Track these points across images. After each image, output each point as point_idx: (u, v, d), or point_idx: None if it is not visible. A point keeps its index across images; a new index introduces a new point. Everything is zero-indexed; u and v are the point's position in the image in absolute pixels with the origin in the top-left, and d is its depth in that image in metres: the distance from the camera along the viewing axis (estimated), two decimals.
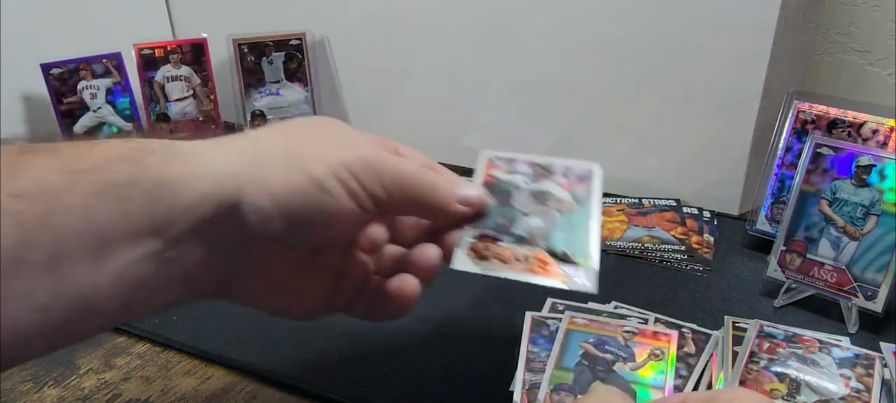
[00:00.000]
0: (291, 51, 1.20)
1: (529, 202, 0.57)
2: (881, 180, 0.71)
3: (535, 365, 0.63)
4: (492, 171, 0.60)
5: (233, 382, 0.66)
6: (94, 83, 1.12)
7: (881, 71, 0.90)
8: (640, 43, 0.93)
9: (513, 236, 0.54)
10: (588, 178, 0.60)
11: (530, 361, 0.64)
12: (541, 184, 0.59)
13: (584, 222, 0.56)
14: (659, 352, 0.65)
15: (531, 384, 0.61)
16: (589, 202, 0.57)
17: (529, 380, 0.62)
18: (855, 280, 0.71)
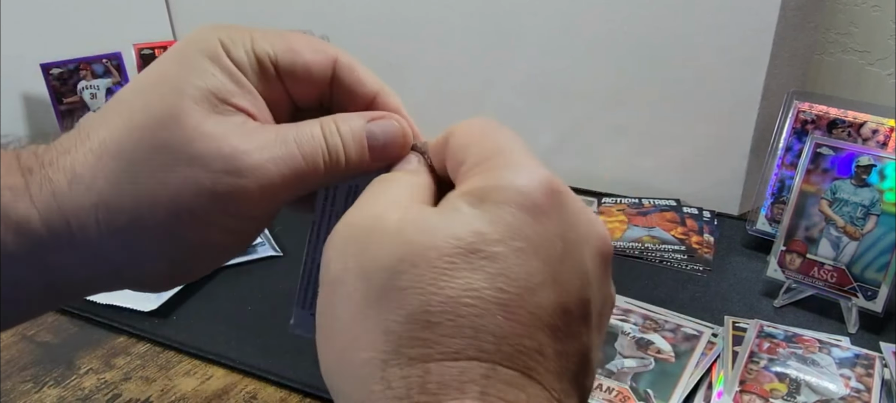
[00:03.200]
0: None
1: (630, 347, 0.66)
2: (881, 180, 0.71)
3: None
4: None
5: (233, 382, 0.66)
6: (94, 83, 1.12)
7: (881, 71, 0.90)
8: (641, 43, 0.93)
9: (604, 371, 0.62)
10: (697, 337, 0.67)
11: None
12: (647, 334, 0.68)
13: (677, 372, 0.63)
14: None
15: None
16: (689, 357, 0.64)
17: None
18: (855, 280, 0.71)
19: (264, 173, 0.29)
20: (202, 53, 0.30)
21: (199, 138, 0.29)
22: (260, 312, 0.75)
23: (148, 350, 0.71)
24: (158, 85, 0.30)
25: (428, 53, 1.10)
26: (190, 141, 0.29)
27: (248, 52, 0.31)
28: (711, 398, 0.62)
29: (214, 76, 0.30)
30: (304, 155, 0.30)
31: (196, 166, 0.29)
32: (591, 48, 0.97)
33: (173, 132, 0.28)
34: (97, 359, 0.70)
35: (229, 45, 0.31)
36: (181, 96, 0.29)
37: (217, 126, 0.29)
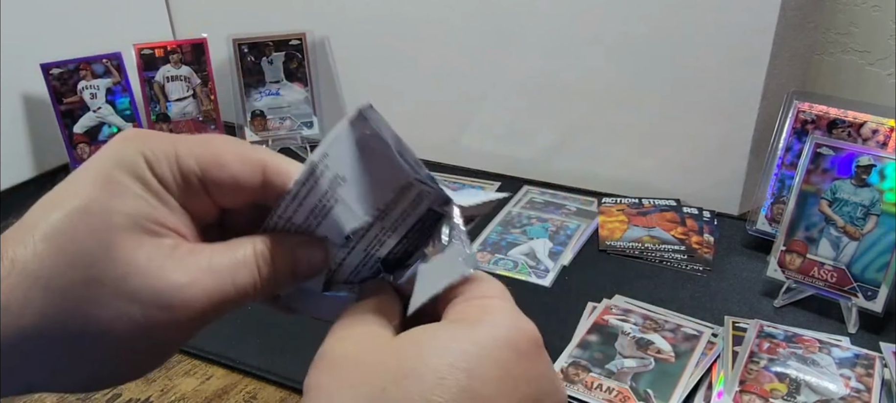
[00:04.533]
0: (291, 51, 1.19)
1: (630, 347, 0.67)
2: (881, 180, 0.71)
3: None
4: (605, 315, 0.71)
5: (233, 382, 0.66)
6: (94, 83, 1.12)
7: (881, 71, 0.90)
8: (640, 43, 0.93)
9: (604, 371, 0.63)
10: (696, 337, 0.68)
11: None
12: (647, 334, 0.68)
13: (677, 372, 0.63)
14: None
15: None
16: (689, 357, 0.65)
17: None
18: (855, 280, 0.71)
19: (195, 305, 0.29)
20: (127, 173, 0.29)
21: (131, 274, 0.28)
22: (260, 312, 0.75)
23: None
24: (86, 214, 0.28)
25: (428, 52, 1.10)
26: (123, 277, 0.28)
27: (172, 169, 0.30)
28: (711, 398, 0.62)
29: (142, 199, 0.29)
30: (236, 285, 0.31)
31: (128, 301, 0.28)
32: (591, 48, 0.97)
33: (105, 268, 0.28)
34: None
35: (153, 162, 0.30)
36: (111, 228, 0.28)
37: (149, 257, 0.29)
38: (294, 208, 0.32)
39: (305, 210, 0.32)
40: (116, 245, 0.28)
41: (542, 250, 0.86)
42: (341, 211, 0.32)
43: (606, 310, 0.72)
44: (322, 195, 0.31)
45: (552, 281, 0.81)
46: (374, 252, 0.34)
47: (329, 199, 0.31)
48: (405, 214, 0.33)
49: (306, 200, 0.31)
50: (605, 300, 0.75)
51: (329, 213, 0.32)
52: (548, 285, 0.80)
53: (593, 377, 0.63)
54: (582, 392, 0.61)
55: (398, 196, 0.32)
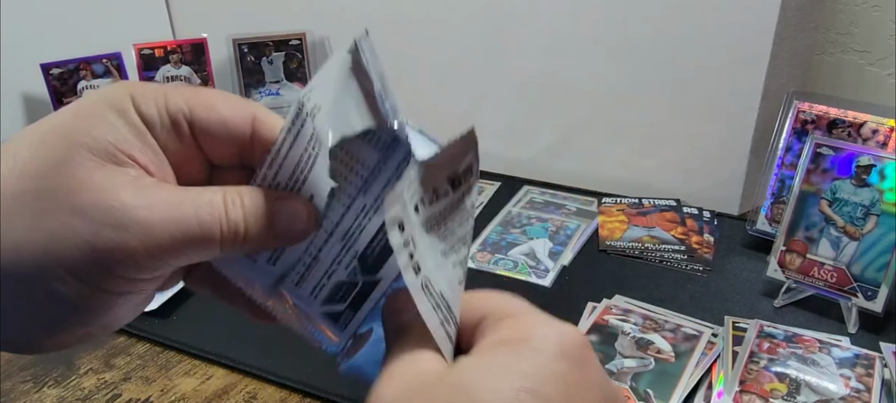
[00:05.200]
0: (291, 51, 1.20)
1: (630, 347, 0.66)
2: (881, 180, 0.71)
3: None
4: (605, 315, 0.71)
5: (233, 382, 0.66)
6: (94, 83, 1.12)
7: (881, 71, 0.90)
8: (641, 43, 0.93)
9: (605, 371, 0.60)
10: (696, 337, 0.68)
11: None
12: (647, 334, 0.68)
13: (677, 372, 0.63)
14: None
15: None
16: (689, 357, 0.65)
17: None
18: (855, 280, 0.71)
19: (151, 232, 0.27)
20: (108, 106, 0.28)
21: (85, 189, 0.26)
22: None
23: (148, 350, 0.71)
24: (52, 133, 0.27)
25: (428, 53, 1.10)
26: (75, 190, 0.26)
27: (159, 108, 0.29)
28: (711, 398, 0.62)
29: (115, 128, 0.28)
30: (199, 221, 0.28)
31: (77, 216, 0.26)
32: (591, 49, 0.97)
33: (58, 180, 0.26)
34: (97, 359, 0.70)
35: (139, 101, 0.29)
36: (74, 145, 0.27)
37: (108, 178, 0.27)
38: (280, 162, 0.29)
39: (291, 164, 0.29)
40: (74, 161, 0.26)
41: (542, 251, 0.86)
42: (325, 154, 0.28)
43: (606, 310, 0.72)
44: (308, 141, 0.28)
45: (552, 281, 0.81)
46: (352, 244, 0.30)
47: (316, 143, 0.28)
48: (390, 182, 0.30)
49: (292, 150, 0.29)
50: (605, 300, 0.75)
51: (314, 164, 0.29)
52: (548, 285, 0.80)
53: None
54: None
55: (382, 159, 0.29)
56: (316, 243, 0.30)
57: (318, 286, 0.31)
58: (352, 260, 0.30)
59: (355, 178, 0.29)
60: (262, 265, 0.31)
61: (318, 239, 0.30)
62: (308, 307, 0.31)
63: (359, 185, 0.29)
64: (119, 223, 0.26)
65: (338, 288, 0.31)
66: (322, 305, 0.31)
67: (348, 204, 0.29)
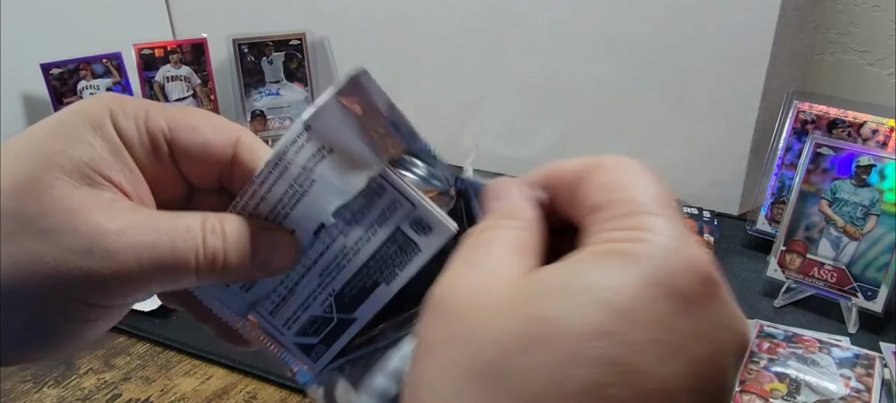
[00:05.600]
0: (291, 51, 1.20)
1: None
2: (881, 180, 0.71)
3: None
4: None
5: (233, 382, 0.66)
6: (94, 83, 1.12)
7: (881, 71, 0.90)
8: (640, 43, 0.93)
9: None
10: None
11: None
12: None
13: None
14: None
15: None
16: None
17: None
18: (855, 280, 0.71)
19: (120, 259, 0.25)
20: (85, 122, 0.27)
21: (54, 212, 0.25)
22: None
23: (148, 350, 0.71)
24: (26, 151, 0.26)
25: (429, 53, 1.10)
26: (44, 213, 0.25)
27: (139, 125, 0.28)
28: None
29: (91, 146, 0.26)
30: (173, 249, 0.26)
31: (43, 240, 0.25)
32: (591, 49, 0.97)
33: (28, 202, 0.25)
34: (97, 359, 0.70)
35: (119, 117, 0.27)
36: (48, 165, 0.26)
37: (80, 201, 0.26)
38: (263, 193, 0.28)
39: (274, 197, 0.28)
40: (45, 182, 0.25)
41: None
42: (320, 191, 0.27)
43: None
44: (296, 177, 0.27)
45: None
46: (329, 282, 0.29)
47: (304, 181, 0.27)
48: (372, 227, 0.28)
49: (277, 183, 0.28)
50: None
51: (302, 198, 0.28)
52: None
53: None
54: None
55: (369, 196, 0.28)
56: (292, 276, 0.30)
57: (292, 318, 0.30)
58: (328, 297, 0.29)
59: (338, 219, 0.28)
60: (235, 291, 0.30)
61: (296, 273, 0.29)
62: (281, 336, 0.31)
63: (341, 226, 0.28)
64: (86, 249, 0.25)
65: (312, 322, 0.30)
66: (295, 336, 0.30)
67: (329, 243, 0.29)
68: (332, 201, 0.28)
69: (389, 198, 0.28)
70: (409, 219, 0.28)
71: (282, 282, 0.30)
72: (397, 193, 0.28)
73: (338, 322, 0.30)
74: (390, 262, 0.28)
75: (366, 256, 0.28)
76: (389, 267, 0.28)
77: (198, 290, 0.30)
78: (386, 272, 0.28)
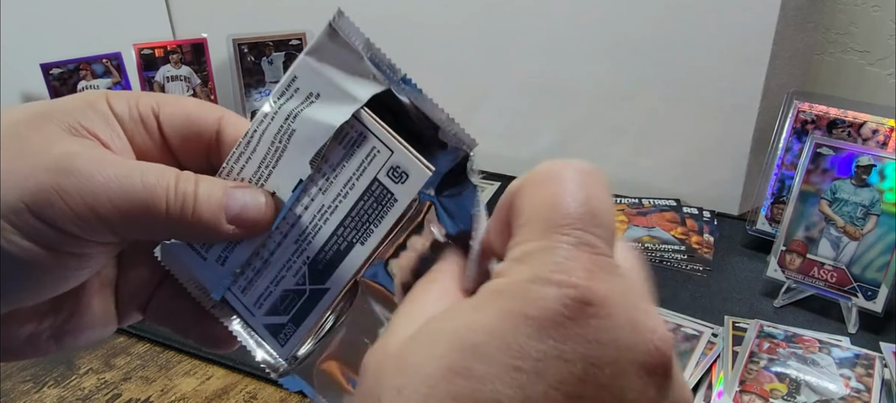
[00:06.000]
0: (291, 51, 1.19)
1: None
2: (881, 180, 0.71)
3: None
4: None
5: (233, 382, 0.66)
6: (94, 83, 1.12)
7: (881, 71, 0.90)
8: (640, 43, 0.93)
9: None
10: (696, 337, 0.67)
11: None
12: None
13: None
14: None
15: None
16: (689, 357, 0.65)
17: None
18: (855, 280, 0.71)
19: (90, 179, 0.25)
20: (82, 99, 0.29)
21: (34, 141, 0.26)
22: None
23: (148, 350, 0.71)
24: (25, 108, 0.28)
25: (429, 53, 1.10)
26: (24, 140, 0.26)
27: (130, 106, 0.29)
28: (711, 398, 0.62)
29: (84, 112, 0.28)
30: (144, 182, 0.26)
31: (18, 161, 0.26)
32: (591, 49, 0.97)
33: (10, 135, 0.26)
34: (97, 359, 0.70)
35: (112, 99, 0.29)
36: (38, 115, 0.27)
37: (62, 138, 0.27)
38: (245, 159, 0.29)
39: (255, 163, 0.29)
40: (32, 124, 0.27)
41: None
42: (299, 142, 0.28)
43: None
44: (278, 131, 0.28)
45: None
46: (305, 247, 0.29)
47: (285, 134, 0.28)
48: (350, 181, 0.28)
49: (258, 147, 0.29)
50: None
51: (282, 155, 0.28)
52: None
53: None
54: None
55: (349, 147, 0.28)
56: (269, 245, 0.29)
57: (264, 294, 0.30)
58: (302, 266, 0.29)
59: (319, 176, 0.28)
60: (211, 264, 0.30)
61: (272, 241, 0.29)
62: (251, 317, 0.31)
63: (320, 183, 0.29)
64: (58, 167, 0.26)
65: (283, 298, 0.30)
66: (265, 315, 0.30)
67: (307, 204, 0.29)
68: (309, 149, 0.28)
69: (368, 147, 0.28)
70: (386, 167, 0.28)
71: (257, 253, 0.30)
72: (376, 139, 0.28)
73: (309, 295, 0.30)
74: (366, 218, 0.28)
75: (343, 214, 0.28)
76: (365, 224, 0.28)
77: (174, 262, 0.30)
78: (361, 231, 0.28)
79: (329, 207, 0.28)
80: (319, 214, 0.29)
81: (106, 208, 0.26)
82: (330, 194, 0.28)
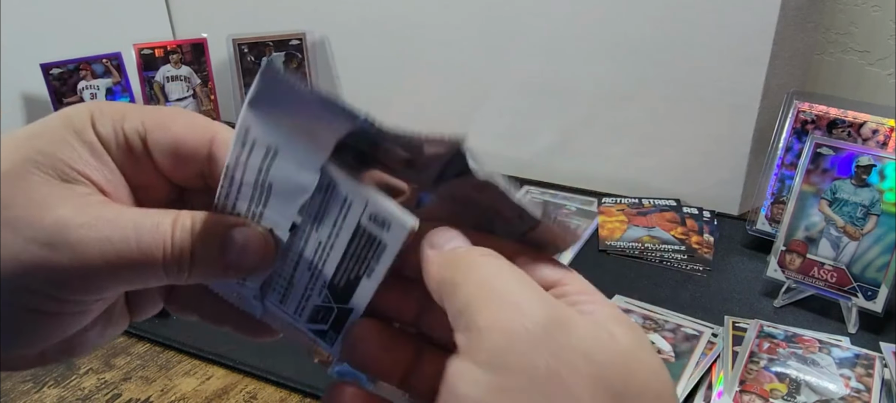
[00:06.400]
0: (291, 51, 1.20)
1: None
2: (881, 180, 0.71)
3: None
4: None
5: (233, 382, 0.66)
6: (94, 83, 1.12)
7: (881, 71, 0.90)
8: (641, 43, 0.93)
9: None
10: (696, 337, 0.68)
11: None
12: (647, 334, 0.67)
13: (677, 372, 0.63)
14: None
15: None
16: (689, 357, 0.65)
17: None
18: (855, 280, 0.71)
19: (83, 251, 0.25)
20: (66, 126, 0.27)
21: (21, 204, 0.25)
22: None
23: (148, 350, 0.71)
24: (7, 147, 0.26)
25: (428, 53, 1.10)
26: (11, 204, 0.25)
27: (116, 128, 0.28)
28: (711, 398, 0.62)
29: (71, 146, 0.27)
30: (139, 243, 0.26)
31: (8, 229, 0.25)
32: (591, 49, 0.97)
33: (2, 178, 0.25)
34: (97, 359, 0.70)
35: (97, 120, 0.28)
36: (23, 161, 0.26)
37: (51, 194, 0.26)
38: (236, 187, 0.28)
39: (247, 192, 0.28)
40: (18, 175, 0.26)
41: None
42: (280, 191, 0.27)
43: None
44: (255, 181, 0.28)
45: None
46: (318, 275, 0.29)
47: (264, 182, 0.27)
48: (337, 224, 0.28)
49: (245, 176, 0.28)
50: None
51: (270, 198, 0.28)
52: None
53: None
54: None
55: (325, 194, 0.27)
56: (286, 269, 0.29)
57: (299, 308, 0.30)
58: (323, 289, 0.29)
59: (307, 218, 0.28)
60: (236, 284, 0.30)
61: (288, 266, 0.29)
62: (296, 323, 0.31)
63: (310, 222, 0.28)
64: (49, 240, 0.25)
65: (317, 311, 0.30)
66: (307, 323, 0.30)
67: (306, 239, 0.28)
68: (293, 199, 0.27)
69: (342, 194, 0.27)
70: (366, 214, 0.27)
71: (278, 274, 0.29)
72: (348, 189, 0.27)
73: (338, 313, 0.29)
74: (363, 256, 0.27)
75: (340, 251, 0.28)
76: (364, 261, 0.27)
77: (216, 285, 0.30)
78: (363, 266, 0.28)
79: (325, 244, 0.28)
80: (320, 248, 0.28)
81: (103, 277, 0.26)
82: (324, 232, 0.28)
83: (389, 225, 0.26)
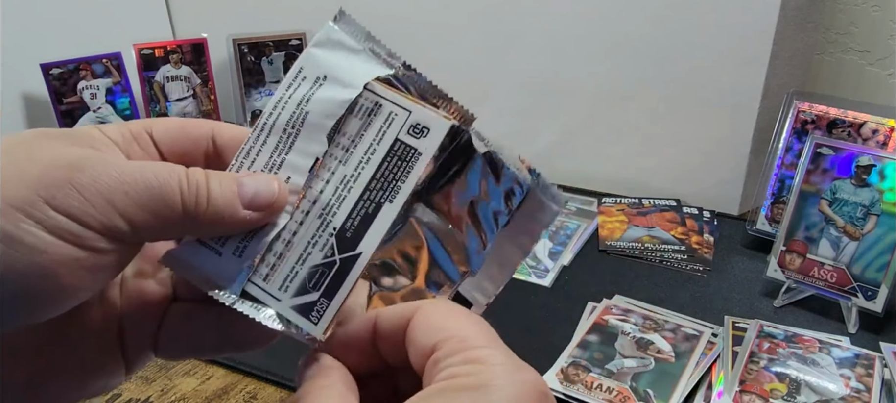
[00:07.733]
0: (291, 51, 1.20)
1: (630, 347, 0.67)
2: (881, 180, 0.71)
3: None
4: (605, 315, 0.71)
5: (233, 382, 0.66)
6: (94, 83, 1.12)
7: (881, 71, 0.90)
8: (641, 43, 0.93)
9: (604, 371, 0.63)
10: (696, 337, 0.68)
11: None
12: (647, 334, 0.68)
13: (677, 372, 0.64)
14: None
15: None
16: (689, 357, 0.65)
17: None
18: (855, 280, 0.71)
19: (103, 174, 0.26)
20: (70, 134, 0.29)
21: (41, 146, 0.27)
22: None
23: None
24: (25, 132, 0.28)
25: (429, 53, 1.10)
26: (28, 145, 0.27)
27: (122, 131, 0.30)
28: (711, 398, 0.62)
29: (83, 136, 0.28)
30: (156, 174, 0.27)
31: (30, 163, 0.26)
32: (591, 49, 0.97)
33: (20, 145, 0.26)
34: None
35: (104, 127, 0.30)
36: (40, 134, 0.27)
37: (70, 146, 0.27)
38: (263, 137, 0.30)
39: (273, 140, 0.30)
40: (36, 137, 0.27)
41: (542, 250, 0.86)
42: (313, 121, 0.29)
43: (606, 310, 0.72)
44: (290, 117, 0.30)
45: (552, 281, 0.81)
46: (330, 219, 0.29)
47: (298, 118, 0.30)
48: (371, 146, 0.29)
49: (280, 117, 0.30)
50: (605, 300, 0.75)
51: (296, 138, 0.29)
52: (548, 285, 0.80)
53: (593, 377, 0.63)
54: (582, 392, 0.61)
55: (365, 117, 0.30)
56: (290, 226, 0.30)
57: (289, 276, 0.30)
58: (329, 238, 0.29)
59: (336, 149, 0.30)
60: (227, 258, 0.30)
61: (294, 221, 0.30)
62: (277, 304, 0.30)
63: (339, 156, 0.30)
64: (71, 165, 0.26)
65: (311, 275, 0.29)
66: (293, 297, 0.30)
67: (328, 177, 0.29)
68: (325, 124, 0.29)
69: (386, 112, 0.29)
70: (407, 126, 0.29)
71: (278, 236, 0.30)
72: (392, 104, 0.30)
73: (340, 265, 0.29)
74: (392, 177, 0.29)
75: (367, 178, 0.29)
76: (391, 183, 0.29)
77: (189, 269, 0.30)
78: (388, 190, 0.29)
79: (352, 175, 0.29)
80: (342, 184, 0.29)
81: (122, 201, 0.26)
82: (351, 163, 0.29)
83: (429, 130, 0.29)
